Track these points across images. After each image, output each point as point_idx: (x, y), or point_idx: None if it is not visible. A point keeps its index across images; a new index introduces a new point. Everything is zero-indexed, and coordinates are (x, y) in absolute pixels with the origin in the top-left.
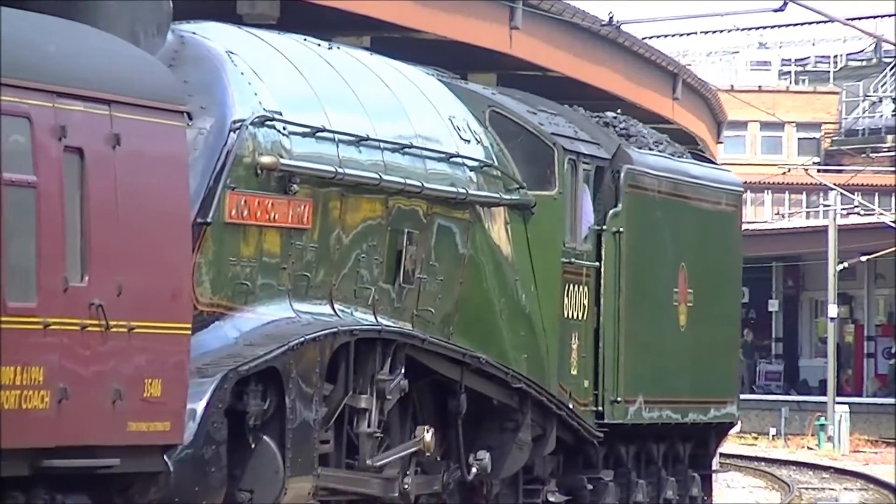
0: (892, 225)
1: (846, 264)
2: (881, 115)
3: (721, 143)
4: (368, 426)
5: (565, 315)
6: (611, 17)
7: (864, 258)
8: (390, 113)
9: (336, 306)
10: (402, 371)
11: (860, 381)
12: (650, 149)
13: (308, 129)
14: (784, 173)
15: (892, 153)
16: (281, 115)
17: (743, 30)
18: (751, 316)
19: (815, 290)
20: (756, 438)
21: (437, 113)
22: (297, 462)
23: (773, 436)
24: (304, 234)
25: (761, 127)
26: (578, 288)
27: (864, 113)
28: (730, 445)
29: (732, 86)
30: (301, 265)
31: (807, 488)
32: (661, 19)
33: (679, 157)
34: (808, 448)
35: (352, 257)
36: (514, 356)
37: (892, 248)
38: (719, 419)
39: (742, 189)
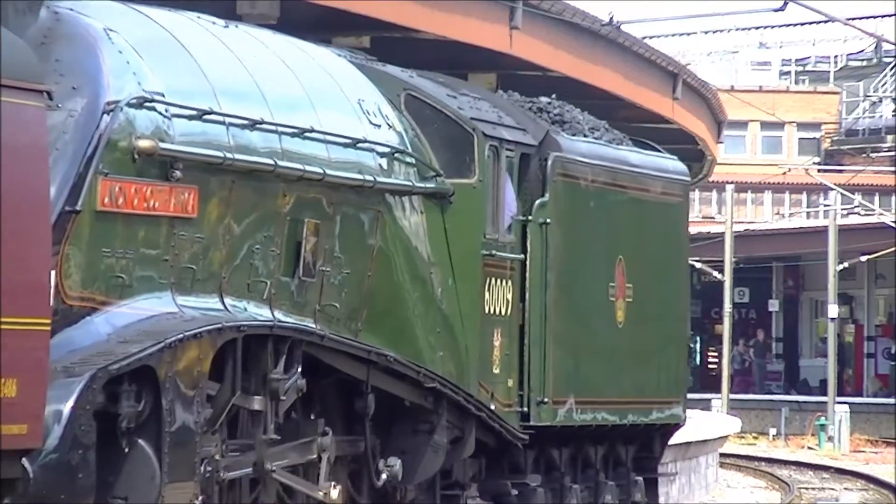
0: (892, 225)
1: (846, 264)
2: (881, 115)
3: (721, 143)
4: (265, 431)
5: (486, 310)
6: (611, 17)
7: (864, 258)
8: (290, 95)
9: (227, 301)
10: (299, 370)
11: (860, 381)
12: (585, 135)
13: (194, 112)
14: (784, 173)
15: (892, 153)
16: (163, 96)
17: (743, 30)
18: (751, 316)
19: (815, 290)
20: (756, 438)
21: (343, 96)
22: (176, 467)
23: (773, 436)
24: (189, 223)
25: (761, 127)
26: (501, 282)
27: (864, 113)
28: (730, 445)
29: (732, 86)
30: (186, 257)
31: (807, 488)
32: (661, 19)
33: (618, 144)
34: (809, 448)
35: (244, 248)
36: (429, 354)
37: (892, 248)
38: (663, 421)
39: (689, 179)
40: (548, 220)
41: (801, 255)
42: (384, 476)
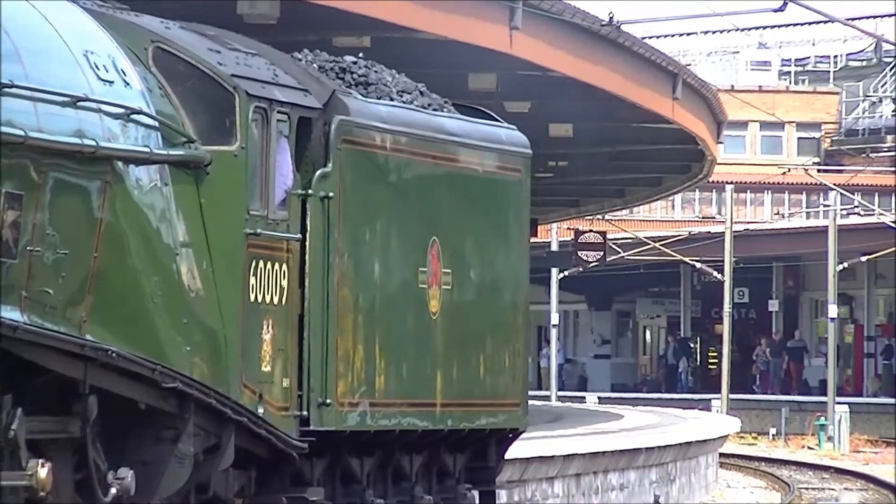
0: (892, 225)
1: (846, 264)
2: (881, 115)
3: (721, 143)
4: None
5: (253, 298)
6: (611, 17)
7: (864, 258)
8: None
9: None
10: None
11: (860, 381)
12: (391, 98)
13: None
14: (784, 173)
15: (892, 153)
16: None
17: (743, 30)
18: (751, 316)
19: (815, 290)
20: (756, 438)
21: (65, 47)
22: None
23: (773, 436)
24: None
25: (761, 127)
26: (273, 266)
27: (864, 113)
28: (730, 445)
29: (732, 86)
30: None
31: (807, 488)
32: (661, 19)
33: (437, 110)
34: (809, 448)
35: None
36: (173, 349)
37: (892, 248)
38: (497, 426)
39: (530, 152)
40: (330, 194)
41: (801, 255)
42: (113, 491)
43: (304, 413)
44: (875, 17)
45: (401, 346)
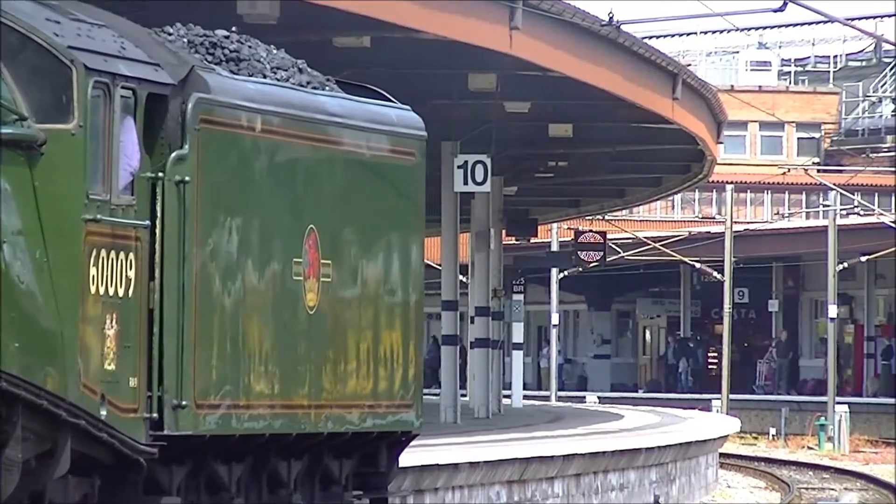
0: (892, 225)
1: (846, 264)
2: (881, 115)
3: (721, 143)
4: None
5: (94, 290)
6: (611, 17)
7: (864, 258)
8: None
9: None
10: None
11: (860, 381)
12: (264, 76)
13: None
14: (784, 173)
15: (892, 153)
16: None
17: (743, 30)
18: (751, 316)
19: (815, 291)
20: (756, 438)
21: None
22: None
23: (773, 436)
24: None
25: (761, 127)
26: (118, 255)
27: (863, 113)
28: (730, 445)
29: (732, 86)
30: None
31: (807, 488)
32: (661, 19)
33: (318, 88)
34: (809, 448)
35: None
36: None
37: (892, 248)
38: (385, 428)
39: (425, 134)
40: (187, 179)
41: (800, 255)
42: None
43: (156, 416)
44: (875, 17)
45: (271, 343)
